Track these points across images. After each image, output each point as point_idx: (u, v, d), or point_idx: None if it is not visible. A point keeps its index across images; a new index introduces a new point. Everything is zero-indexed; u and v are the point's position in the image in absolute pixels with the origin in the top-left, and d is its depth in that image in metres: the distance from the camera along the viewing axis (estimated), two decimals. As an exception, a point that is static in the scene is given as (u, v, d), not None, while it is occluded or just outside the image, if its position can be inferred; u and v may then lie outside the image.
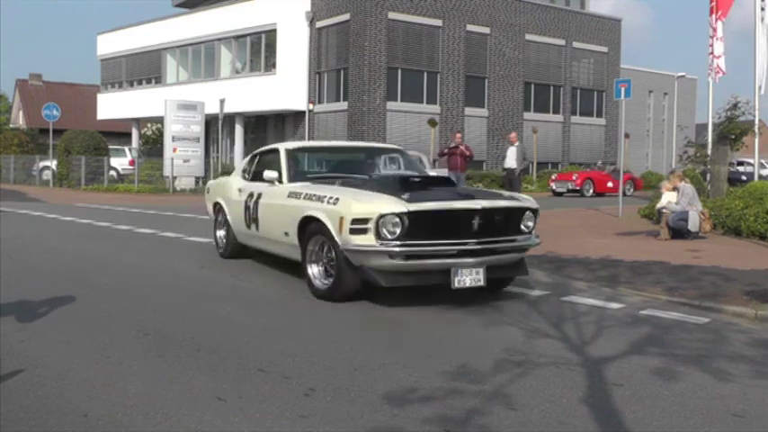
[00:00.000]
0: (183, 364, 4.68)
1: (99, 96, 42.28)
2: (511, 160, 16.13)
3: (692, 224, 11.69)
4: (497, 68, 32.06)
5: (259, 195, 8.21)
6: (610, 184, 27.78)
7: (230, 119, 32.96)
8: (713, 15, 16.58)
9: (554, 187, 27.90)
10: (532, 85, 33.59)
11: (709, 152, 16.80)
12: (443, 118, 30.37)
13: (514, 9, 32.47)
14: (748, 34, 16.54)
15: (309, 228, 6.90)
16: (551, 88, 34.32)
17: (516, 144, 16.38)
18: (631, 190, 28.13)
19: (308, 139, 31.62)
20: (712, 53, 16.60)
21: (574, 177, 27.59)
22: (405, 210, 6.14)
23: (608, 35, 36.00)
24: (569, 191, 27.21)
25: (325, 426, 3.64)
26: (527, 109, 33.28)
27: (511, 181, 16.22)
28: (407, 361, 4.78)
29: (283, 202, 7.51)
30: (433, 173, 17.61)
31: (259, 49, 32.30)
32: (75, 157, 28.59)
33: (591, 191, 27.23)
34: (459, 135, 17.68)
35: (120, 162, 32.85)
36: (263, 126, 34.30)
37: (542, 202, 20.73)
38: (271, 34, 31.44)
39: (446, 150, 16.63)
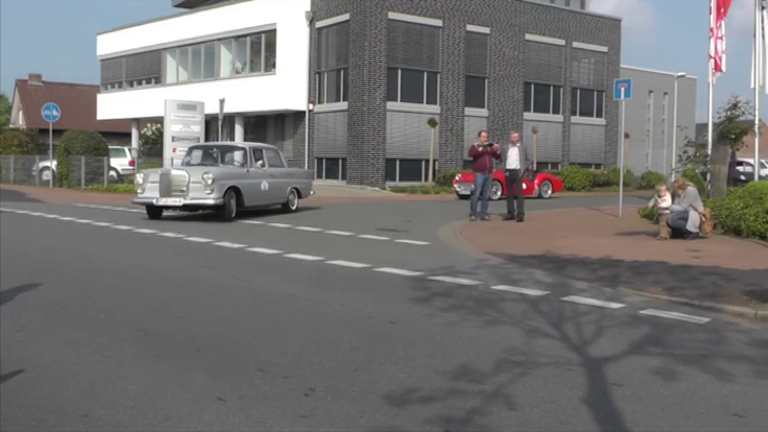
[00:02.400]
0: (183, 364, 4.68)
1: (99, 96, 42.28)
2: (514, 161, 15.81)
3: (692, 224, 11.70)
4: (497, 68, 32.06)
5: None
6: (523, 186, 26.07)
7: (230, 119, 32.96)
8: (712, 15, 16.60)
9: (458, 189, 24.30)
10: (532, 85, 33.59)
11: (709, 152, 16.81)
12: (443, 118, 30.36)
13: (514, 9, 32.47)
14: (749, 34, 16.56)
15: None
16: (551, 88, 34.32)
17: (518, 144, 16.04)
18: (549, 192, 25.77)
19: (308, 140, 31.62)
20: (711, 52, 16.62)
21: None
22: None
23: (608, 35, 36.00)
24: (472, 193, 24.93)
25: (325, 426, 3.64)
26: (527, 109, 33.27)
27: (514, 182, 15.90)
28: (407, 361, 4.78)
29: None
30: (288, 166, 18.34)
31: (259, 49, 32.30)
32: (75, 157, 28.57)
33: (499, 193, 23.07)
34: (485, 134, 16.68)
35: (120, 162, 32.81)
36: (263, 126, 34.29)
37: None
38: (270, 34, 31.44)
39: (480, 149, 15.72)
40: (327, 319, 6.04)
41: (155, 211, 15.34)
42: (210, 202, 14.70)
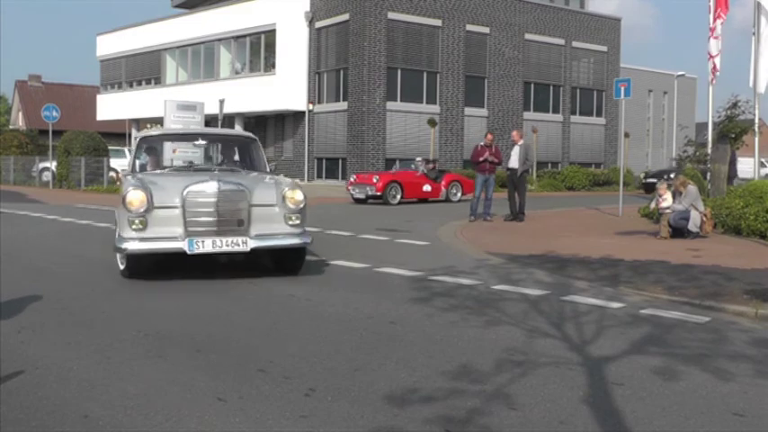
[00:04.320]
0: (183, 365, 4.67)
1: (98, 97, 42.30)
2: (514, 160, 15.55)
3: (693, 224, 11.69)
4: (497, 68, 32.06)
5: None
6: (427, 188, 21.88)
7: (230, 119, 32.95)
8: (711, 14, 16.62)
9: (352, 192, 21.74)
10: (532, 85, 33.59)
11: (709, 151, 16.81)
12: (443, 118, 30.37)
13: (514, 9, 32.47)
14: (749, 33, 16.57)
15: None
16: (551, 88, 34.33)
17: (520, 143, 15.74)
18: (458, 194, 22.63)
19: (308, 140, 31.57)
20: (710, 52, 16.64)
21: (374, 180, 21.09)
22: None
23: (607, 34, 36.01)
24: (370, 197, 21.14)
25: (325, 426, 3.64)
26: (527, 108, 33.28)
27: (513, 182, 15.62)
28: (408, 361, 4.77)
29: None
30: None
31: (258, 50, 32.31)
32: (75, 158, 28.58)
33: (398, 197, 21.16)
34: (491, 135, 16.06)
35: (120, 163, 32.70)
36: (263, 126, 34.29)
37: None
38: (270, 34, 31.45)
39: (480, 159, 15.12)
40: (327, 319, 6.04)
41: (145, 264, 8.06)
42: (297, 241, 8.11)
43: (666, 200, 12.02)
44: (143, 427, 3.60)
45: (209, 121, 31.48)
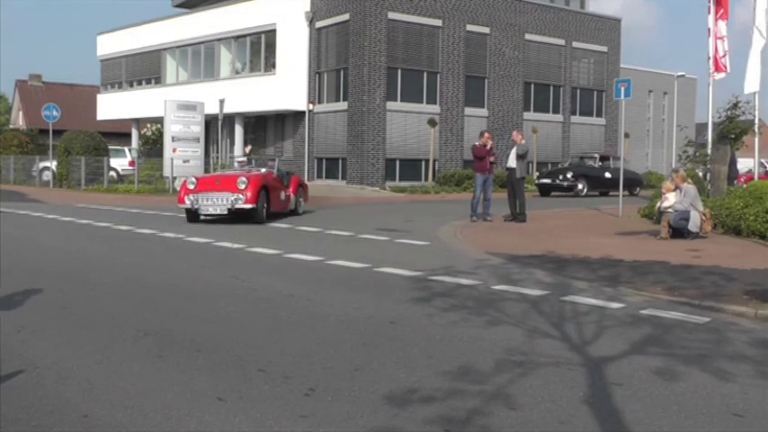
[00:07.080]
0: (183, 365, 4.67)
1: (99, 97, 42.27)
2: (512, 160, 15.66)
3: (693, 224, 11.69)
4: (497, 68, 32.05)
5: None
6: (283, 196, 16.30)
7: (230, 119, 32.95)
8: (710, 15, 16.62)
9: (193, 203, 14.60)
10: (532, 85, 33.58)
11: (709, 152, 16.81)
12: (443, 118, 30.35)
13: (514, 9, 32.47)
14: (749, 34, 16.56)
15: None
16: (551, 88, 34.31)
17: (520, 143, 15.78)
18: (302, 202, 17.50)
19: (308, 140, 31.53)
20: (710, 52, 16.63)
21: (241, 186, 14.49)
22: None
23: (608, 35, 36.00)
24: (234, 211, 14.49)
25: (325, 426, 3.64)
26: (527, 109, 33.26)
27: (512, 182, 15.71)
28: (408, 361, 4.77)
29: None
30: None
31: (259, 50, 32.29)
32: (75, 157, 28.58)
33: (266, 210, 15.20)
34: (488, 134, 16.10)
35: (120, 162, 32.83)
36: (263, 126, 34.29)
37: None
38: (270, 34, 31.43)
39: (489, 156, 15.32)
40: (327, 319, 6.04)
41: None
42: None
43: (669, 199, 12.02)
44: (143, 427, 3.60)
45: (210, 120, 31.56)
